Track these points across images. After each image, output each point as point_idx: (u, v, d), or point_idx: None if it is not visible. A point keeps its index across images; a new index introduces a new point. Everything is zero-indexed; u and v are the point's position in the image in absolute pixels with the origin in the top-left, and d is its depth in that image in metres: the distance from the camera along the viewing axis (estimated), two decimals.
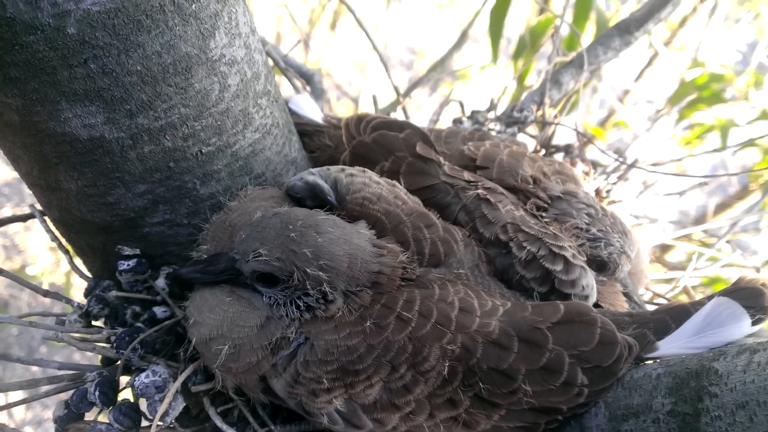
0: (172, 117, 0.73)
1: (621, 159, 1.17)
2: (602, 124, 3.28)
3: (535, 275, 0.83)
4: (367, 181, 0.83)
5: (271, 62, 1.21)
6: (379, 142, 0.91)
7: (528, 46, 2.48)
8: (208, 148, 0.78)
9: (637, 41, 1.31)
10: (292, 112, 1.10)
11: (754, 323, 0.76)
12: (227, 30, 0.74)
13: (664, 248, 2.06)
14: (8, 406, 0.77)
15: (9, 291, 4.44)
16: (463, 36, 2.20)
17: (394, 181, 0.86)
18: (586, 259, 0.87)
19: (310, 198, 0.83)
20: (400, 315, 0.73)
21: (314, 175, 0.83)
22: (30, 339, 4.37)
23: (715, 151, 1.27)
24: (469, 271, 0.82)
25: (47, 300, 0.90)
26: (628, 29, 1.30)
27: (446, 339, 0.73)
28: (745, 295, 0.78)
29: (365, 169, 0.86)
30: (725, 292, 0.79)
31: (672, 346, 0.78)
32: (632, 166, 1.15)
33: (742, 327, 0.76)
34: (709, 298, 0.80)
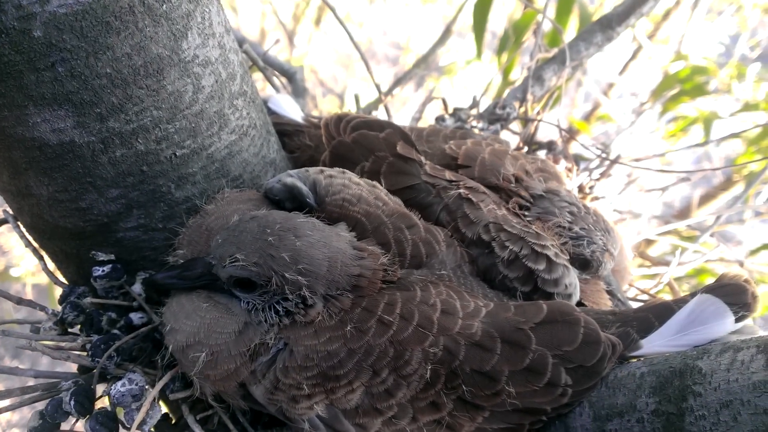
0: (145, 120, 0.71)
1: (604, 154, 1.16)
2: (587, 117, 3.28)
3: (517, 275, 0.82)
4: (347, 183, 0.82)
5: (250, 62, 1.20)
6: (359, 142, 0.89)
7: (512, 40, 2.48)
8: (182, 151, 0.76)
9: (619, 36, 1.30)
10: (272, 112, 1.09)
11: (737, 320, 0.76)
12: (200, 30, 0.73)
13: (649, 243, 2.06)
14: None
15: None
16: (447, 31, 2.19)
17: (375, 182, 0.85)
18: (569, 257, 0.86)
19: (289, 200, 0.82)
20: (381, 318, 0.72)
21: (293, 177, 0.81)
22: (16, 341, 4.32)
23: (697, 145, 1.26)
24: (452, 272, 0.81)
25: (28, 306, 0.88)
26: (610, 24, 1.29)
27: (428, 342, 0.72)
28: (728, 291, 0.77)
29: (345, 170, 0.85)
30: (708, 289, 0.79)
31: (655, 344, 0.78)
32: (615, 161, 1.15)
33: (725, 324, 0.75)
34: (693, 295, 0.79)
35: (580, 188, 1.15)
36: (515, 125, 1.30)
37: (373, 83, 1.28)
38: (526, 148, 1.22)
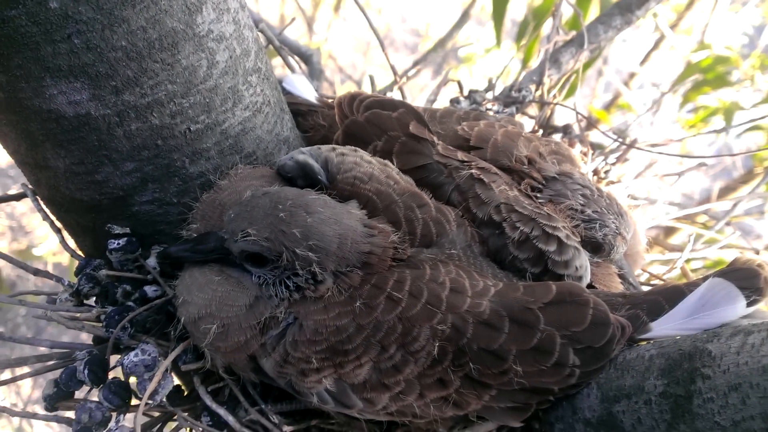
0: (159, 94, 0.72)
1: (620, 139, 1.15)
2: (607, 107, 3.25)
3: (528, 256, 0.82)
4: (359, 161, 0.82)
5: (264, 41, 1.20)
6: (372, 121, 0.89)
7: (531, 26, 2.46)
8: (196, 126, 0.77)
9: (638, 20, 1.29)
10: (286, 92, 1.09)
11: (749, 304, 0.75)
12: (215, 5, 0.73)
13: (666, 231, 2.04)
14: None
15: (16, 272, 4.46)
16: (465, 15, 2.18)
17: (387, 161, 0.85)
18: (580, 240, 0.86)
19: (301, 177, 0.82)
20: (390, 295, 0.73)
21: (305, 155, 0.82)
22: (35, 316, 4.40)
23: (716, 131, 1.24)
24: (462, 252, 0.81)
25: (52, 283, 0.90)
26: (629, 7, 1.27)
27: (436, 319, 0.72)
28: (740, 276, 0.77)
29: (357, 148, 0.85)
30: (720, 273, 0.78)
31: (665, 327, 0.77)
32: (631, 146, 1.14)
33: (736, 308, 0.75)
34: (704, 278, 0.79)
35: (595, 172, 1.15)
36: (531, 109, 1.29)
37: (389, 65, 1.28)
38: (541, 132, 1.21)
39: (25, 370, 0.84)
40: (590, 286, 0.87)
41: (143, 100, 0.71)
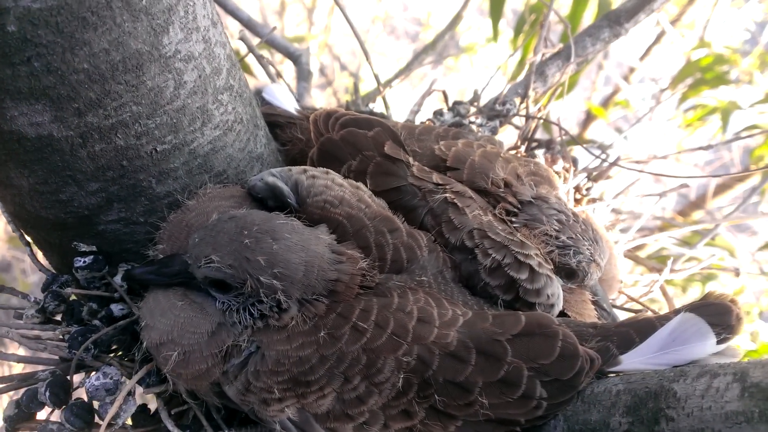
0: (124, 115, 0.70)
1: (602, 156, 1.14)
2: (605, 102, 3.23)
3: (499, 283, 0.81)
4: (329, 184, 0.81)
5: (245, 50, 1.18)
6: (347, 140, 0.88)
7: (528, 22, 2.43)
8: (163, 147, 0.76)
9: (627, 32, 1.27)
10: (266, 102, 1.07)
11: (719, 342, 0.74)
12: (183, 24, 0.71)
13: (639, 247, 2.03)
14: None
15: (11, 253, 4.45)
16: (464, 7, 2.14)
17: (359, 183, 0.84)
18: (553, 267, 0.85)
19: (271, 199, 0.81)
20: (356, 325, 0.72)
21: (275, 177, 0.80)
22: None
23: (707, 148, 1.22)
24: (432, 278, 0.80)
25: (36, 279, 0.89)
26: (618, 20, 1.25)
27: (402, 351, 0.71)
28: (712, 311, 0.76)
29: (329, 170, 0.84)
30: (692, 308, 0.77)
31: (635, 360, 0.77)
32: (614, 164, 1.12)
33: (706, 345, 0.74)
34: (676, 312, 0.78)
35: (577, 189, 1.13)
36: (519, 120, 1.27)
37: (396, 60, 1.25)
38: (523, 146, 1.19)
39: None
40: (563, 312, 0.86)
41: (107, 121, 0.70)
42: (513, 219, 0.87)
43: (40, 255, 0.92)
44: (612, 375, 0.77)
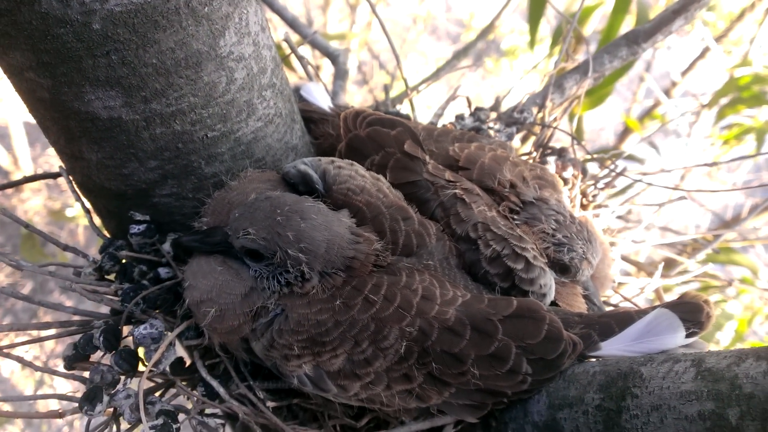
0: (182, 104, 0.82)
1: (610, 168, 1.23)
2: (644, 115, 3.26)
3: (498, 271, 0.91)
4: (353, 174, 0.92)
5: (287, 50, 1.29)
6: (371, 137, 0.99)
7: (567, 31, 2.49)
8: (213, 133, 0.87)
9: (644, 51, 1.35)
10: (303, 99, 1.19)
11: (688, 335, 0.83)
12: (237, 30, 0.83)
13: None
14: (12, 346, 0.89)
15: (48, 228, 4.67)
16: (498, 15, 2.22)
17: (380, 176, 0.94)
18: (547, 261, 0.94)
19: (302, 184, 0.92)
20: (367, 297, 0.82)
21: (306, 165, 0.92)
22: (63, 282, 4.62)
23: (744, 157, 1.29)
24: (438, 263, 0.90)
25: (81, 237, 1.02)
26: (636, 40, 1.34)
27: (406, 322, 0.81)
28: (685, 309, 0.85)
29: (353, 162, 0.95)
30: (668, 305, 0.86)
31: (613, 347, 0.86)
32: (620, 174, 1.21)
33: (676, 338, 0.83)
34: (654, 308, 0.87)
35: (583, 195, 1.22)
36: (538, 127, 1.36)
37: (403, 80, 1.36)
38: (536, 152, 1.29)
39: (51, 332, 0.96)
40: (554, 303, 0.95)
41: (168, 109, 0.82)
42: (515, 216, 0.97)
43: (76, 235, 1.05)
44: (592, 359, 0.87)
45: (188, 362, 0.98)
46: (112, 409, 0.86)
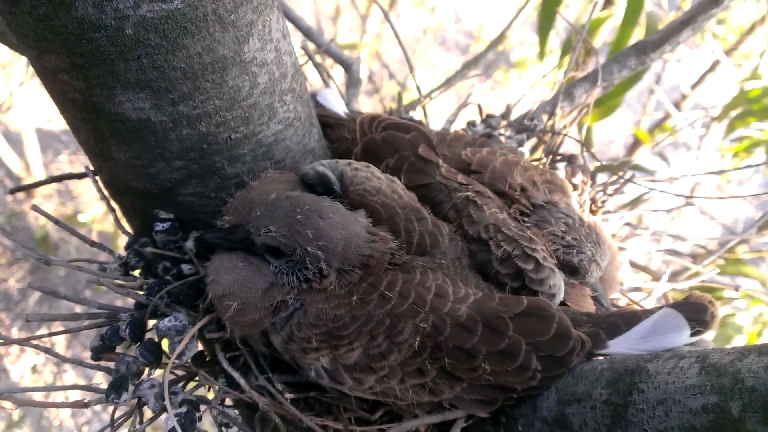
0: (208, 107, 0.86)
1: (618, 174, 1.25)
2: (654, 127, 3.28)
3: (508, 272, 0.94)
4: (369, 176, 0.95)
5: (305, 57, 1.34)
6: (387, 140, 1.03)
7: (578, 42, 2.52)
8: (236, 135, 0.91)
9: (652, 62, 1.38)
10: (319, 104, 1.23)
11: (693, 334, 0.85)
12: (260, 36, 0.87)
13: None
14: (51, 335, 0.93)
15: (59, 234, 4.74)
16: (509, 26, 2.26)
17: (395, 178, 0.98)
18: (557, 262, 0.97)
19: (320, 185, 0.96)
20: (383, 294, 0.85)
21: (324, 167, 0.95)
22: (75, 282, 4.69)
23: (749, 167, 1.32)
24: (451, 263, 0.93)
25: (93, 248, 1.06)
26: (644, 50, 1.37)
27: (419, 318, 0.84)
28: (690, 308, 0.87)
29: (370, 164, 0.98)
30: (674, 305, 0.89)
31: (620, 346, 0.88)
32: (629, 180, 1.24)
33: (681, 337, 0.85)
34: (660, 308, 0.90)
35: (593, 201, 1.25)
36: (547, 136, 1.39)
37: (424, 77, 1.39)
38: (546, 159, 1.32)
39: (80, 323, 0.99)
40: (563, 304, 0.98)
41: (194, 111, 0.86)
42: (525, 219, 1.00)
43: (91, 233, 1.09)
44: (600, 357, 0.90)
45: (208, 357, 1.01)
46: (135, 400, 0.89)
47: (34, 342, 0.90)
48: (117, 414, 0.90)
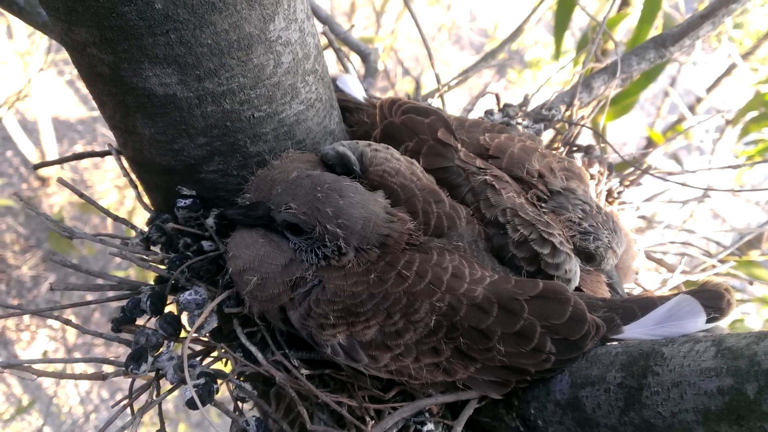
0: (233, 84, 0.87)
1: (636, 165, 1.26)
2: (668, 129, 3.27)
3: (525, 255, 0.94)
4: (389, 157, 0.96)
5: (325, 41, 1.35)
6: (406, 124, 1.04)
7: (596, 40, 2.52)
8: (259, 114, 0.92)
9: (671, 55, 1.38)
10: (339, 89, 1.24)
11: (708, 321, 0.86)
12: (285, 15, 0.88)
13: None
14: (74, 305, 0.95)
15: (73, 222, 4.79)
16: (526, 20, 2.26)
17: (414, 160, 0.99)
18: (573, 248, 0.98)
19: (340, 166, 0.97)
20: (400, 272, 0.86)
21: (344, 147, 0.96)
22: (94, 264, 4.74)
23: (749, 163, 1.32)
24: (467, 245, 0.94)
25: (110, 229, 1.08)
26: (663, 44, 1.37)
27: (436, 297, 0.85)
28: (707, 296, 0.88)
29: (389, 146, 0.99)
30: (690, 292, 0.89)
31: (635, 331, 0.89)
32: (645, 171, 1.24)
33: (697, 323, 0.86)
34: (676, 294, 0.90)
35: (609, 192, 1.26)
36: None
37: (440, 71, 1.41)
38: (563, 149, 1.32)
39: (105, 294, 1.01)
40: (579, 289, 0.99)
41: (219, 88, 0.87)
42: (542, 204, 1.01)
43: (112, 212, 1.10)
44: (614, 342, 0.90)
45: (225, 332, 1.03)
46: (153, 373, 0.91)
47: (55, 313, 0.92)
48: (135, 386, 0.91)
